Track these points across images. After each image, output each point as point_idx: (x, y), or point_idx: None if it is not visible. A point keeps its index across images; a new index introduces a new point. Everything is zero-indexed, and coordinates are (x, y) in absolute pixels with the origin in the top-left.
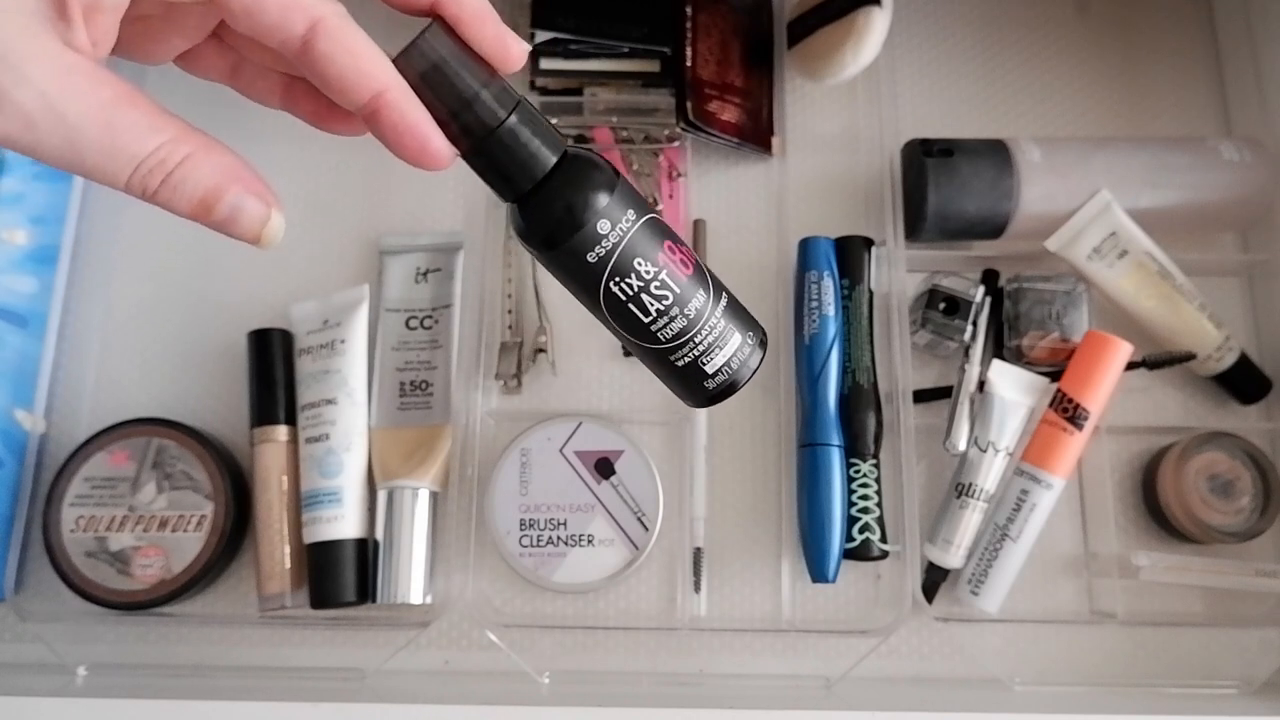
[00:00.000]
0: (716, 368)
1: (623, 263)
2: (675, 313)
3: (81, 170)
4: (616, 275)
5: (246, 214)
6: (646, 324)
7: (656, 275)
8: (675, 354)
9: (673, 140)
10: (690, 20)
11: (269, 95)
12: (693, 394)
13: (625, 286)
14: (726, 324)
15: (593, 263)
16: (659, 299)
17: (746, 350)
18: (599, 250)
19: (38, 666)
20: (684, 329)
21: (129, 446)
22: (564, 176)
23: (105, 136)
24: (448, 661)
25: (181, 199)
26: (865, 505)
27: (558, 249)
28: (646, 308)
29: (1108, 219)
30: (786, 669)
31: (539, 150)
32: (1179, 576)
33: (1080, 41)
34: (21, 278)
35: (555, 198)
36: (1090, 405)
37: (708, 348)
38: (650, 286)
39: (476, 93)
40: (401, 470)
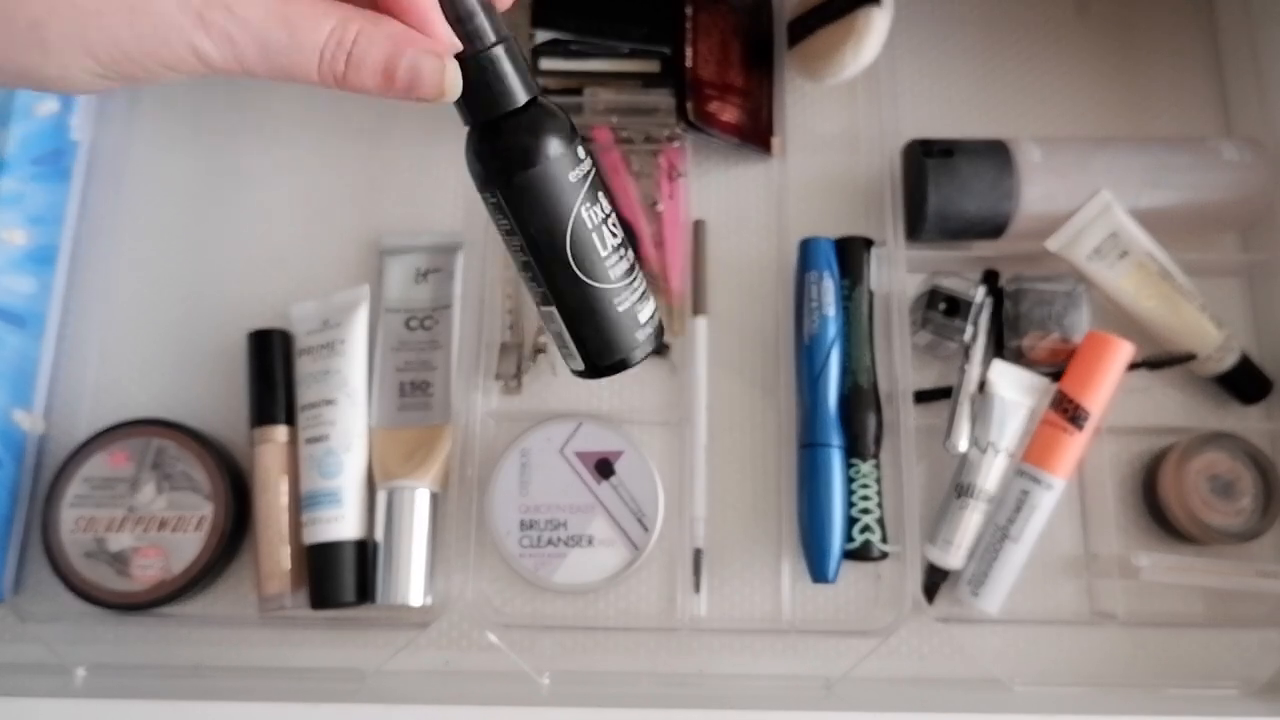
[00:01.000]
0: (647, 316)
1: (594, 189)
2: (623, 251)
3: (281, 71)
4: (589, 201)
5: (425, 73)
6: (603, 258)
7: (612, 211)
8: (619, 296)
9: (673, 140)
10: (690, 20)
11: None
12: (626, 342)
13: (593, 214)
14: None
15: (574, 182)
16: (614, 234)
17: (658, 314)
18: (580, 170)
19: (37, 667)
20: (627, 270)
21: (128, 447)
22: (538, 113)
23: (285, 34)
24: (447, 662)
25: (366, 75)
26: (865, 506)
27: (534, 168)
28: (605, 240)
29: (1108, 219)
30: (786, 669)
31: (517, 83)
32: (1180, 577)
33: (1080, 41)
34: (20, 278)
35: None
36: (1091, 406)
37: (643, 293)
38: (609, 220)
39: (474, 11)
40: (401, 471)
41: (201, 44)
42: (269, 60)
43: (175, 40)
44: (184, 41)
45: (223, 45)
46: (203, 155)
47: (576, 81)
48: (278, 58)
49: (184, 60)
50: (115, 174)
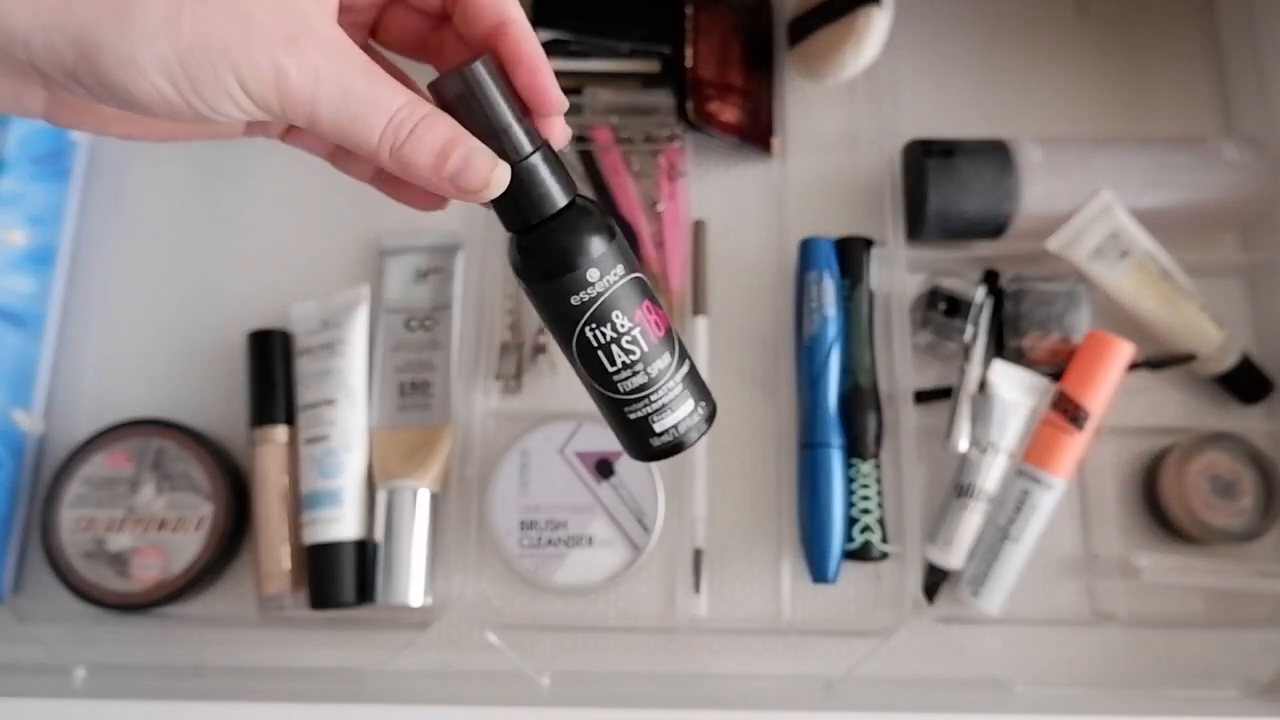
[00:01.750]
0: (664, 428)
1: (602, 312)
2: (639, 369)
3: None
4: (594, 322)
5: (476, 165)
6: (610, 373)
7: (629, 331)
8: (629, 406)
9: (673, 140)
10: (690, 20)
11: (362, 171)
12: (636, 446)
13: (599, 334)
14: (682, 390)
15: (575, 305)
16: (627, 352)
17: (695, 419)
18: (584, 295)
19: (36, 667)
20: (643, 385)
21: (128, 447)
22: (569, 220)
23: (366, 87)
24: (447, 662)
25: (423, 149)
26: (866, 506)
27: (547, 285)
28: (614, 358)
29: (1109, 219)
30: (787, 670)
31: (552, 191)
32: (1180, 577)
33: (1080, 41)
34: (20, 278)
35: (556, 237)
36: (1091, 406)
37: (660, 408)
38: (622, 340)
39: (510, 124)
40: (401, 471)
41: (287, 64)
42: (341, 106)
43: (261, 53)
44: (270, 57)
45: (305, 73)
46: (203, 155)
47: (576, 81)
48: (350, 106)
49: (261, 76)
50: (115, 174)
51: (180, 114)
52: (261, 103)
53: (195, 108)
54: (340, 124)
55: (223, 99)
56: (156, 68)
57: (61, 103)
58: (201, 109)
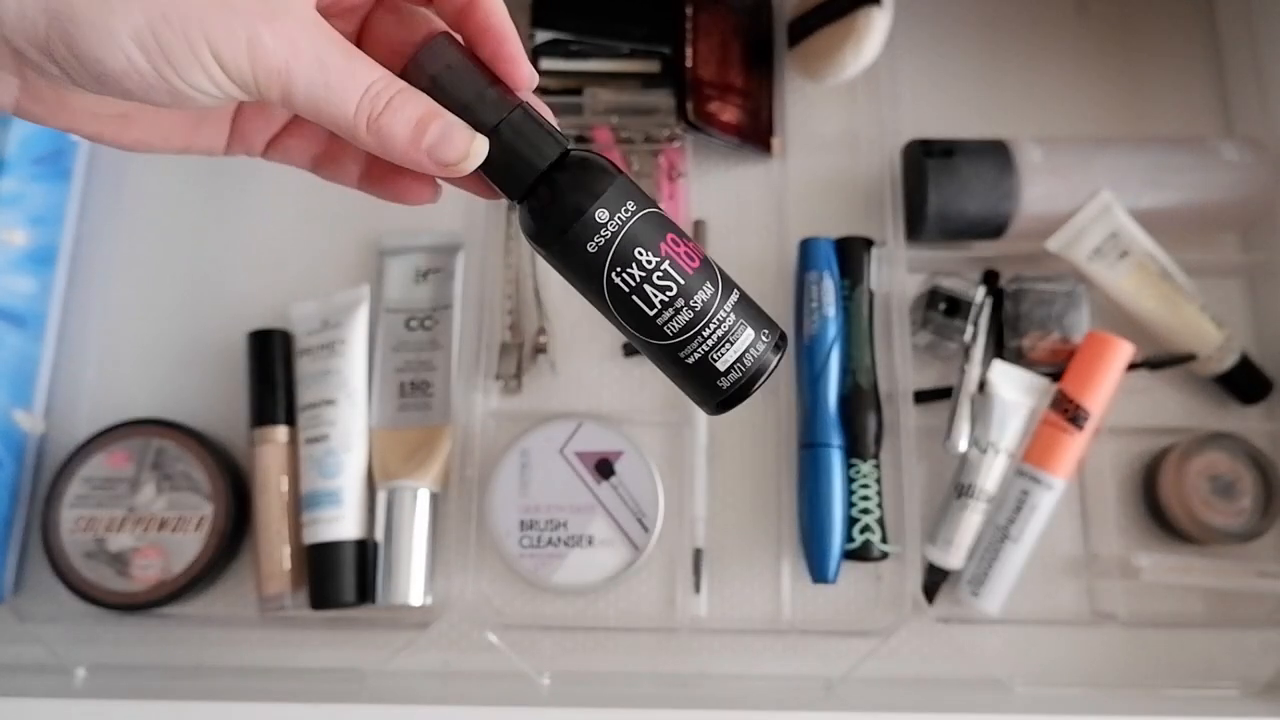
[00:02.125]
0: (729, 364)
1: (623, 252)
2: (680, 304)
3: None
4: (618, 265)
5: (455, 134)
6: (651, 317)
7: (659, 266)
8: (684, 349)
9: (673, 140)
10: (690, 20)
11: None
12: (707, 394)
13: (627, 277)
14: (737, 319)
15: (592, 252)
16: (662, 289)
17: (761, 347)
18: (598, 239)
19: (37, 667)
20: (691, 321)
21: (128, 447)
22: (564, 172)
23: (343, 60)
24: (447, 662)
25: (400, 122)
26: (866, 506)
27: (560, 241)
28: (650, 299)
29: (1108, 219)
30: (787, 670)
31: (539, 147)
32: (1180, 577)
33: (1080, 41)
34: (20, 278)
35: (556, 191)
36: (1091, 406)
37: (717, 342)
38: (653, 276)
39: (481, 91)
40: (401, 471)
41: (262, 31)
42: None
43: (238, 21)
44: (246, 24)
45: (280, 42)
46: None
47: (576, 81)
48: (327, 77)
49: (235, 44)
50: (115, 174)
51: (152, 89)
52: (235, 72)
53: (167, 79)
54: (315, 95)
55: (196, 72)
56: (129, 34)
57: (34, 93)
58: (176, 83)
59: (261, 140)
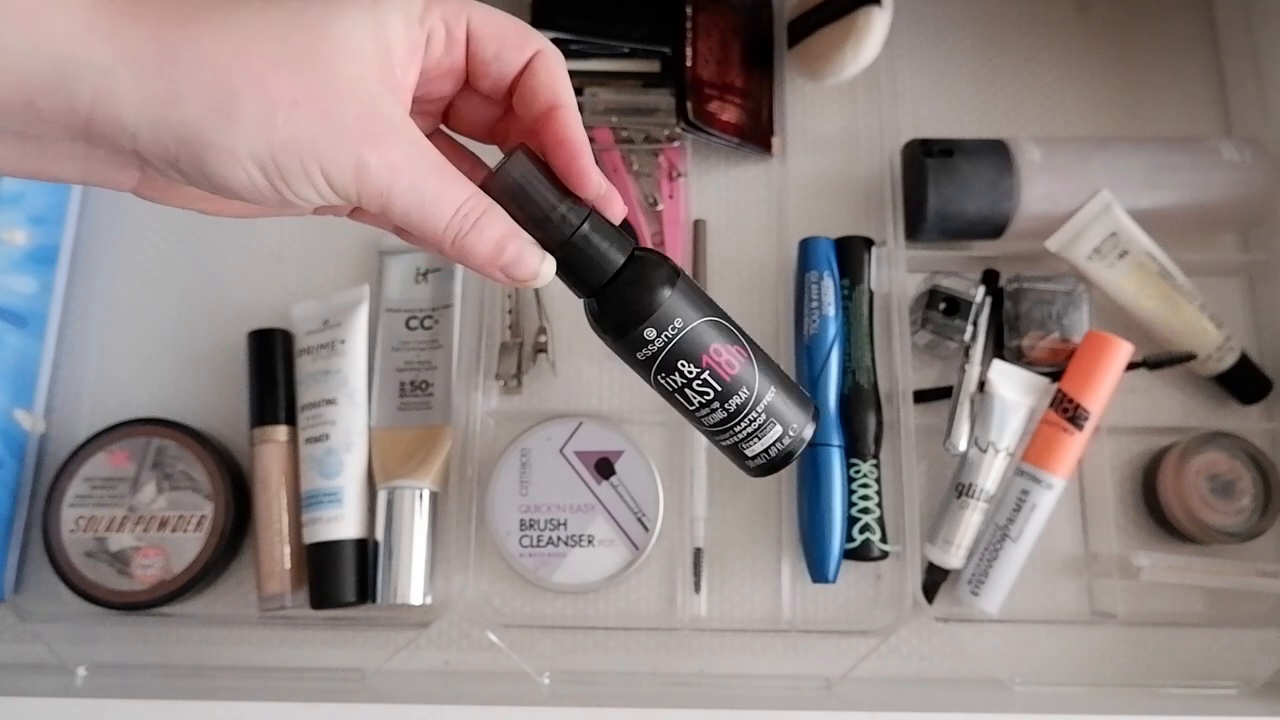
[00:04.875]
0: (756, 453)
1: (667, 363)
2: (716, 406)
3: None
4: (662, 372)
5: (527, 259)
6: (691, 411)
7: (699, 375)
8: (719, 437)
9: (673, 140)
10: (690, 20)
11: None
12: (740, 466)
13: (670, 381)
14: (766, 419)
15: (641, 360)
16: (700, 394)
17: (787, 440)
18: (645, 352)
19: (37, 667)
20: (724, 420)
21: (129, 446)
22: (628, 277)
23: (438, 180)
24: (448, 662)
25: (483, 241)
26: (865, 505)
27: (617, 342)
28: (690, 399)
29: (1108, 219)
30: (787, 669)
31: (605, 257)
32: (1179, 577)
33: (1080, 41)
34: (21, 278)
35: (614, 301)
36: (1090, 405)
37: (747, 436)
38: (693, 384)
39: (554, 206)
40: (401, 470)
41: (368, 158)
42: (412, 199)
43: (346, 149)
44: (353, 152)
45: (383, 167)
46: None
47: (577, 81)
48: (421, 199)
49: (343, 169)
50: None
51: (266, 200)
52: (342, 192)
53: (282, 194)
54: (410, 215)
55: (307, 188)
56: (251, 160)
57: (152, 183)
58: (288, 195)
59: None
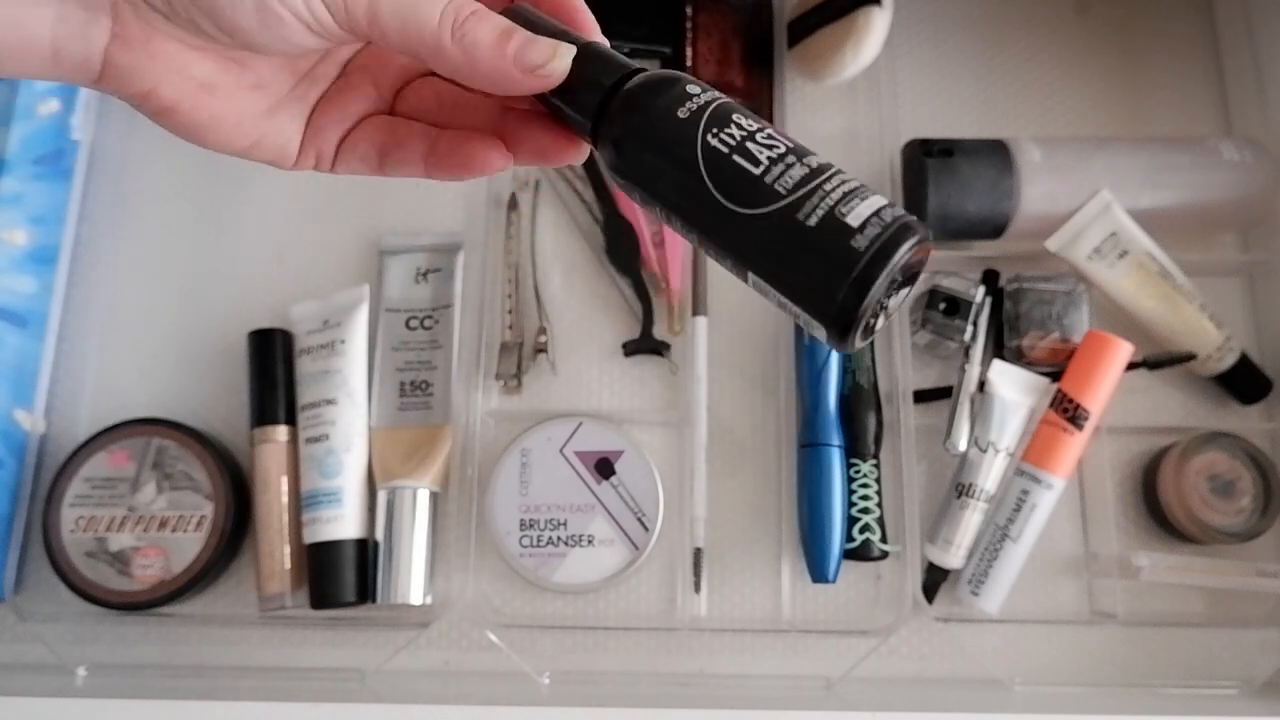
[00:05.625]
0: (864, 218)
1: (719, 114)
2: (792, 160)
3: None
4: (714, 126)
5: (538, 44)
6: (759, 175)
7: (762, 129)
8: (803, 207)
9: None
10: (690, 20)
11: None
12: (839, 266)
13: (726, 136)
14: (859, 184)
15: (684, 119)
16: (769, 146)
17: (891, 209)
18: (690, 105)
19: (38, 667)
20: (808, 175)
21: (129, 447)
22: (645, 76)
23: None
24: (448, 662)
25: (485, 29)
26: (865, 505)
27: (646, 114)
28: (755, 156)
29: (1108, 219)
30: (787, 669)
31: (619, 63)
32: (1179, 577)
33: (1080, 41)
34: (21, 278)
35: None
36: (1090, 405)
37: (844, 196)
38: (756, 136)
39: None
40: (401, 470)
41: None
42: None
43: None
44: None
45: None
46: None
47: None
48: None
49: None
50: (115, 174)
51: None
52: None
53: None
54: (401, 9)
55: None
56: None
57: (125, 38)
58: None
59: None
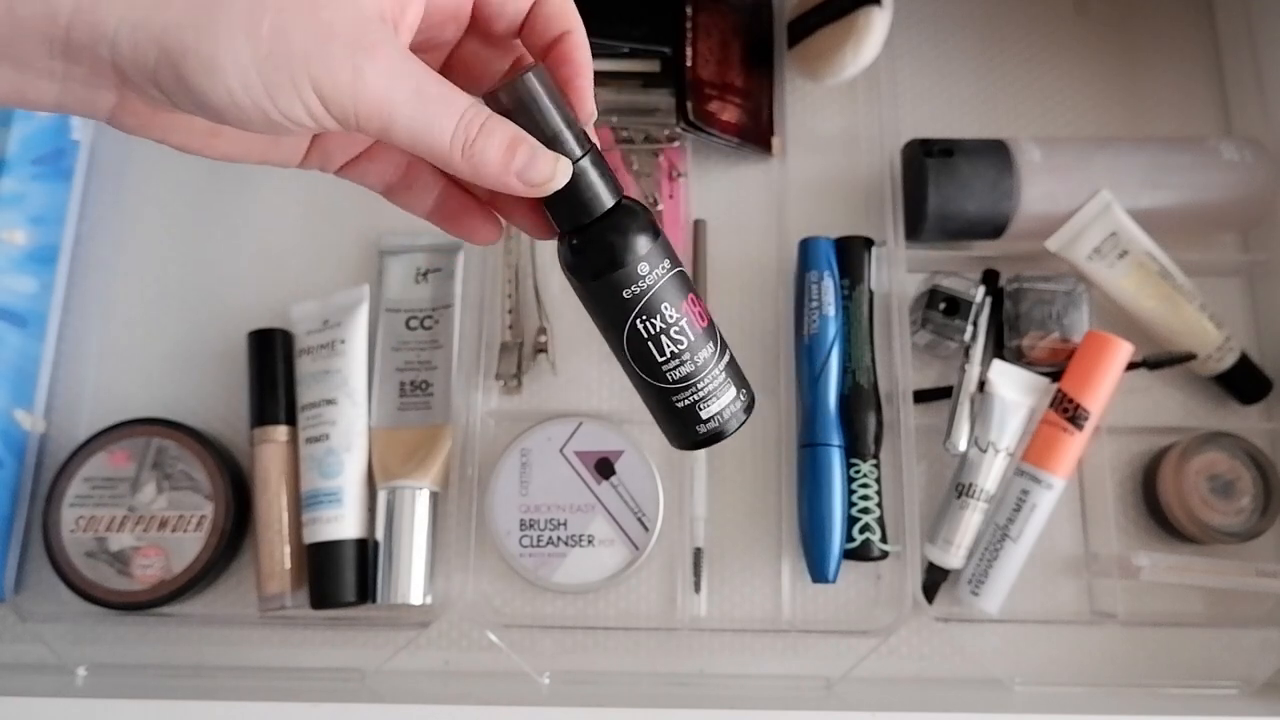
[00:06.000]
0: (710, 414)
1: (652, 304)
2: (686, 358)
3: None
4: (644, 314)
5: (541, 157)
6: (660, 363)
7: (678, 321)
8: (677, 395)
9: (673, 140)
10: (690, 20)
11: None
12: (682, 435)
13: (649, 325)
14: (725, 379)
15: (627, 299)
16: (675, 342)
17: (737, 406)
18: (635, 289)
19: (38, 667)
20: (690, 374)
21: (129, 447)
22: (618, 218)
23: (440, 93)
24: (448, 662)
25: (492, 146)
26: (865, 505)
27: (599, 281)
28: (663, 348)
29: (1108, 219)
30: (787, 669)
31: (601, 192)
32: (1179, 577)
33: (1080, 41)
34: (21, 278)
35: (607, 235)
36: (1090, 405)
37: (706, 395)
38: (670, 330)
39: (562, 129)
40: (401, 470)
41: (365, 66)
42: (416, 106)
43: (339, 57)
44: (348, 60)
45: (380, 75)
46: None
47: None
48: (425, 106)
49: (337, 79)
50: (115, 174)
51: (251, 121)
52: (337, 106)
53: (267, 113)
54: (415, 125)
55: (295, 104)
56: (234, 71)
57: (129, 107)
58: (274, 114)
59: (340, 159)
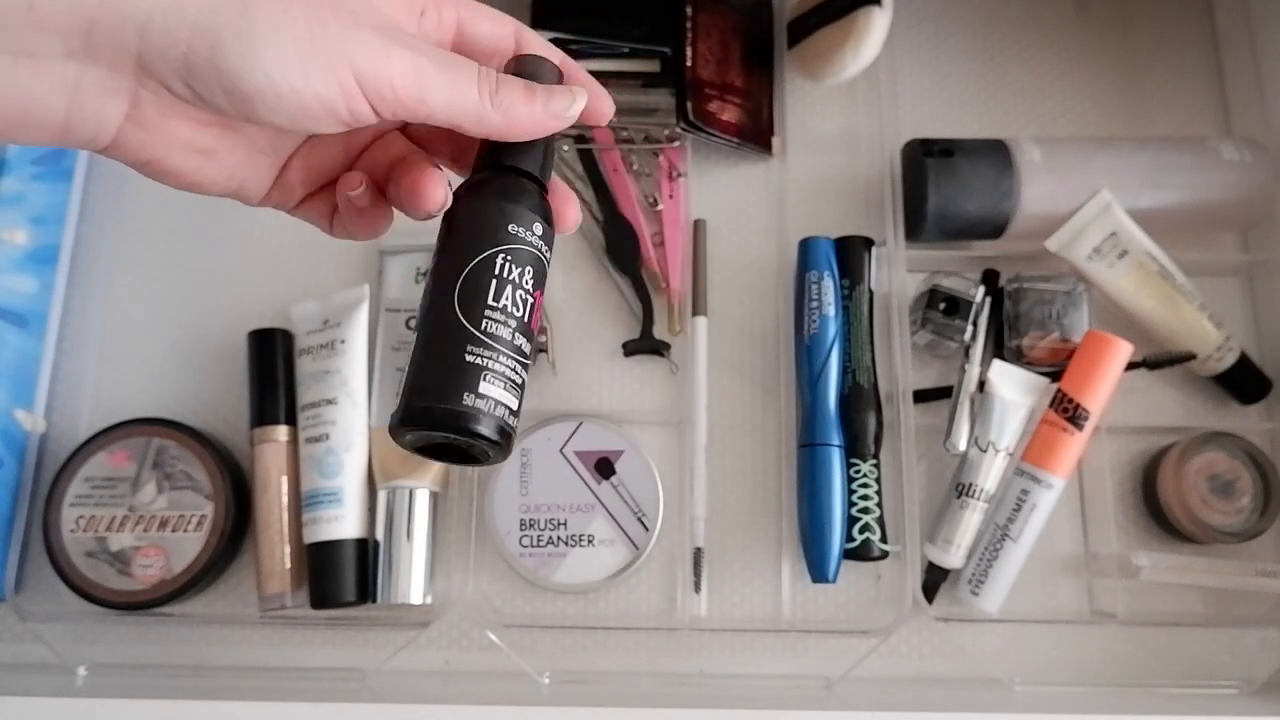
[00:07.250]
0: (484, 394)
1: (522, 256)
2: (510, 325)
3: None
4: (512, 257)
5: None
6: (486, 305)
7: (529, 293)
8: (473, 348)
9: (673, 140)
10: (690, 20)
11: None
12: (437, 394)
13: (507, 268)
14: (516, 384)
15: (510, 233)
16: (513, 303)
17: (506, 413)
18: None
19: (38, 666)
20: (500, 339)
21: (129, 446)
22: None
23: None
24: (448, 662)
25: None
26: (865, 505)
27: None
28: (500, 295)
29: (1108, 219)
30: (787, 669)
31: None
32: (1179, 576)
33: (1080, 41)
34: (21, 278)
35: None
36: (1090, 405)
37: (496, 373)
38: (518, 292)
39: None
40: (401, 470)
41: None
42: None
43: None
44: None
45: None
46: None
47: None
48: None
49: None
50: (115, 174)
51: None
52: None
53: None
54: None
55: (332, 85)
56: (273, 52)
57: (139, 116)
58: (306, 95)
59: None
